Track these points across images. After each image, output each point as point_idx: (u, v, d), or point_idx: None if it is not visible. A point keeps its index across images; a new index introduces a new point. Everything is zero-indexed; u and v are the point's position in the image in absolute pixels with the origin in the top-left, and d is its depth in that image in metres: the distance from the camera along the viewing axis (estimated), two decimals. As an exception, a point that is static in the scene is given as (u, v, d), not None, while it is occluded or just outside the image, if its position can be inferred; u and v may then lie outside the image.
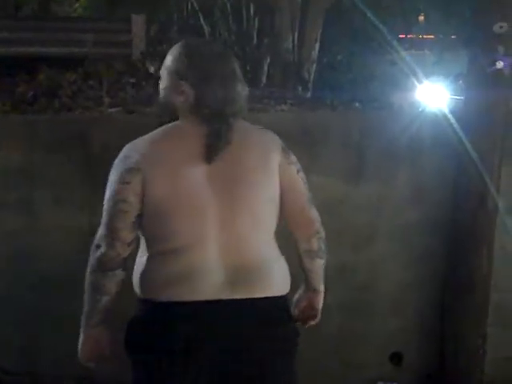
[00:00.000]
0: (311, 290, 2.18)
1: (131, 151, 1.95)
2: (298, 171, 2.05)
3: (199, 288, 1.88)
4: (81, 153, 3.27)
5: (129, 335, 1.98)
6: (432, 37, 14.07)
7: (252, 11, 6.80)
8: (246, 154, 1.95)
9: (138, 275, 1.98)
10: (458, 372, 3.46)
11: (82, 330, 2.03)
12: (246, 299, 1.90)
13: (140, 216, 1.92)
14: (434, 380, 3.54)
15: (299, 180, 2.05)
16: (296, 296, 2.21)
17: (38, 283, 3.24)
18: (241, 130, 1.98)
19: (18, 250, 3.25)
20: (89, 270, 1.97)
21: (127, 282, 1.98)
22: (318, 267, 2.14)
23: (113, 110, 3.83)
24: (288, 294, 2.05)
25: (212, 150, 1.89)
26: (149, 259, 1.96)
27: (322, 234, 2.11)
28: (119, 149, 3.28)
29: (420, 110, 3.74)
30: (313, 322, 2.22)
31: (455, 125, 3.32)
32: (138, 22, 6.40)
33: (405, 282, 3.53)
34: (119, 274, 1.95)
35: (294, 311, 2.19)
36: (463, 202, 3.42)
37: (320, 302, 2.20)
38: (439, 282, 3.52)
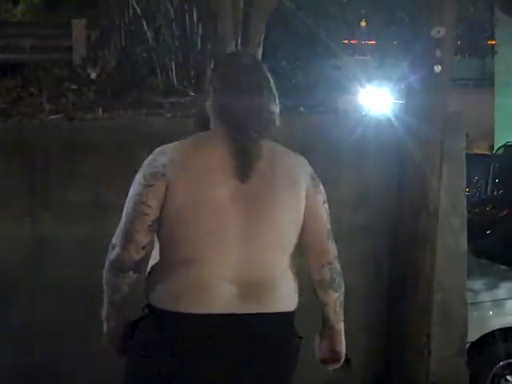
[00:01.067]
0: (328, 328, 2.12)
1: (160, 155, 1.92)
2: (324, 202, 2.03)
3: (209, 301, 1.86)
4: (21, 160, 3.20)
5: (135, 336, 1.96)
6: (374, 42, 14.30)
7: (195, 17, 6.77)
8: (273, 175, 1.92)
9: (150, 281, 1.95)
10: (405, 372, 3.51)
11: (103, 320, 2.02)
12: (256, 314, 1.88)
13: (158, 220, 1.90)
14: (382, 381, 3.58)
15: (323, 210, 2.02)
16: (316, 340, 2.15)
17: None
18: (271, 150, 1.96)
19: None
20: (105, 267, 1.96)
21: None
22: (332, 301, 2.09)
23: (54, 116, 3.76)
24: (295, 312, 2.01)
25: (243, 167, 1.88)
26: (162, 266, 1.93)
27: (337, 266, 2.06)
28: (60, 156, 3.26)
29: (363, 113, 3.79)
30: (336, 365, 2.17)
31: (398, 128, 3.38)
32: (79, 26, 6.30)
33: (350, 284, 3.49)
34: (131, 276, 1.93)
35: (317, 354, 2.14)
36: (406, 204, 3.48)
37: (341, 343, 2.13)
38: (384, 283, 3.57)
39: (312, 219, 2.00)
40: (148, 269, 1.97)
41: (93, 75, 4.46)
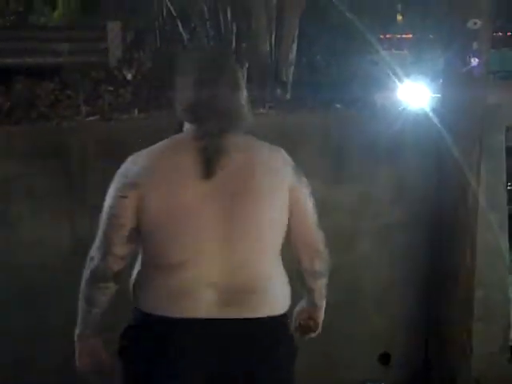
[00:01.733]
0: (311, 305, 2.17)
1: (131, 164, 1.91)
2: (308, 195, 1.99)
3: (191, 306, 1.85)
4: (59, 163, 3.24)
5: (122, 342, 1.97)
6: (410, 36, 14.15)
7: (229, 15, 6.78)
8: (249, 172, 1.88)
9: (133, 285, 1.96)
10: (445, 369, 3.47)
11: (75, 340, 2.03)
12: (238, 319, 1.86)
13: (135, 230, 1.88)
14: (421, 377, 3.54)
15: (308, 203, 1.99)
16: (297, 308, 2.18)
17: (18, 299, 3.19)
18: (245, 145, 1.92)
19: (-2, 264, 3.20)
20: (82, 281, 1.96)
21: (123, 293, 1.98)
22: (319, 286, 2.12)
23: (91, 118, 3.80)
24: (287, 311, 2.01)
25: (205, 166, 1.83)
26: (144, 272, 1.94)
27: (326, 254, 2.07)
28: (98, 158, 3.29)
29: (401, 109, 3.75)
30: (313, 335, 2.20)
31: (435, 123, 3.33)
32: (114, 29, 6.36)
33: (389, 280, 3.53)
34: (111, 286, 1.93)
35: (295, 322, 2.17)
36: (445, 200, 3.44)
37: (321, 316, 2.19)
38: (423, 279, 3.53)
39: (299, 214, 1.97)
40: (133, 274, 1.97)
41: (129, 76, 4.50)
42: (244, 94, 1.95)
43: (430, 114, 3.41)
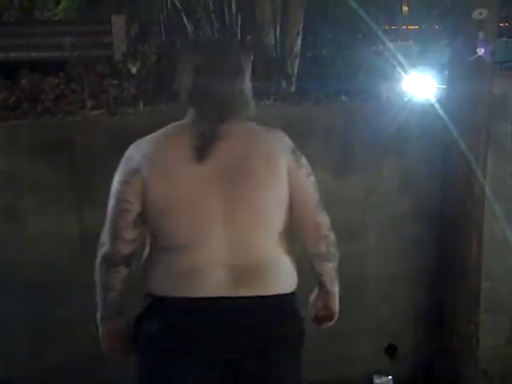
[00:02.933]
0: (324, 292, 2.16)
1: (134, 150, 1.97)
2: (307, 175, 2.01)
3: (201, 285, 1.89)
4: (64, 157, 3.25)
5: (135, 327, 2.01)
6: (416, 27, 14.10)
7: (234, 8, 6.78)
8: (248, 155, 1.91)
9: (144, 269, 2.00)
10: (452, 361, 3.46)
11: (98, 322, 2.07)
12: (248, 297, 1.90)
13: (141, 214, 1.94)
14: (428, 370, 3.54)
15: (309, 184, 2.01)
16: (311, 297, 2.20)
17: (25, 292, 3.20)
18: (244, 131, 1.96)
19: (3, 259, 3.21)
20: (95, 266, 2.01)
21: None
22: (328, 270, 2.11)
23: (96, 112, 3.80)
24: (295, 292, 2.03)
25: (200, 150, 1.88)
26: (153, 255, 1.98)
27: (332, 237, 2.07)
28: (103, 151, 3.29)
29: (407, 100, 3.73)
30: (329, 324, 2.20)
31: (441, 114, 3.31)
32: (118, 22, 6.35)
33: (396, 272, 3.52)
34: (122, 270, 1.98)
35: (311, 312, 2.18)
36: (451, 191, 3.42)
37: (335, 304, 2.17)
38: (430, 271, 3.52)
39: (298, 194, 1.99)
40: (143, 257, 2.01)
41: (133, 70, 4.49)
42: (246, 80, 1.98)
43: (436, 105, 3.39)
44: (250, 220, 1.91)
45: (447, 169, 3.41)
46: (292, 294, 2.01)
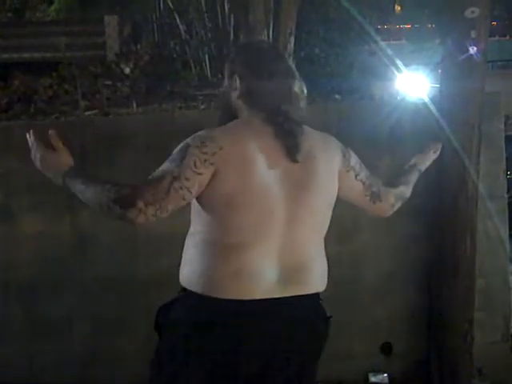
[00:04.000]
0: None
1: (210, 141, 1.86)
2: (356, 176, 2.08)
3: (252, 288, 1.87)
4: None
5: (172, 313, 1.94)
6: (409, 26, 14.12)
7: (227, 8, 6.77)
8: (313, 158, 1.94)
9: (195, 268, 1.91)
10: (447, 358, 3.47)
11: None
12: (294, 296, 1.92)
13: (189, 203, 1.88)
14: (423, 367, 3.55)
15: (358, 184, 2.10)
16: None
17: (18, 292, 3.20)
18: (305, 131, 1.97)
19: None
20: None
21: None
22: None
23: (89, 112, 3.80)
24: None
25: (292, 149, 1.89)
26: (209, 254, 1.90)
27: (399, 202, 2.26)
28: (97, 151, 3.29)
29: (400, 99, 3.74)
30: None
31: (435, 113, 3.32)
32: (111, 23, 6.33)
33: (390, 271, 3.53)
34: (117, 209, 1.77)
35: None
36: (445, 189, 3.43)
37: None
38: (424, 269, 3.53)
39: (351, 194, 2.11)
40: (187, 256, 1.96)
41: (126, 70, 4.48)
42: (298, 83, 2.00)
43: (429, 104, 3.40)
44: (308, 223, 1.94)
45: (441, 167, 3.41)
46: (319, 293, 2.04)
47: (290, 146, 1.89)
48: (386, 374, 3.56)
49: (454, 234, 3.40)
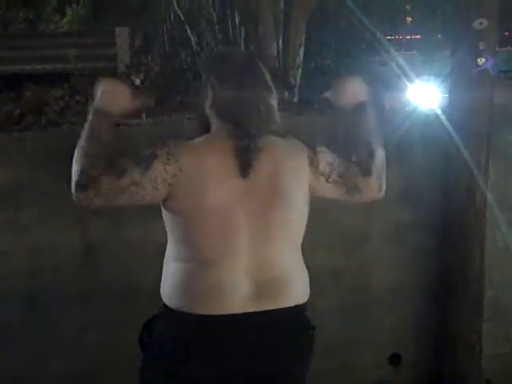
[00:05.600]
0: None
1: (174, 160, 1.89)
2: (327, 179, 2.06)
3: (224, 303, 1.89)
4: (68, 168, 3.25)
5: (151, 341, 2.00)
6: (419, 37, 14.13)
7: (237, 19, 6.81)
8: (278, 172, 1.93)
9: (170, 284, 1.96)
10: (456, 370, 3.46)
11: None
12: (270, 310, 1.91)
13: (152, 200, 1.92)
14: (432, 378, 3.54)
15: (330, 186, 2.08)
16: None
17: (29, 304, 3.22)
18: (273, 144, 1.96)
19: (7, 271, 3.22)
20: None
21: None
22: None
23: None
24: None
25: (245, 163, 1.88)
26: (180, 269, 1.94)
27: (382, 178, 2.26)
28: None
29: (410, 109, 3.74)
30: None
31: (443, 124, 3.33)
32: (122, 34, 6.37)
33: (399, 282, 3.53)
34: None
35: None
36: (453, 200, 3.43)
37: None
38: (433, 280, 3.52)
39: (325, 194, 2.10)
40: (164, 271, 2.00)
41: (137, 82, 4.52)
42: (275, 96, 2.00)
43: (440, 115, 3.40)
44: (279, 237, 1.93)
45: (450, 178, 3.42)
46: (305, 303, 2.03)
47: (243, 163, 1.88)
48: (394, 386, 3.55)
49: (462, 245, 3.40)
